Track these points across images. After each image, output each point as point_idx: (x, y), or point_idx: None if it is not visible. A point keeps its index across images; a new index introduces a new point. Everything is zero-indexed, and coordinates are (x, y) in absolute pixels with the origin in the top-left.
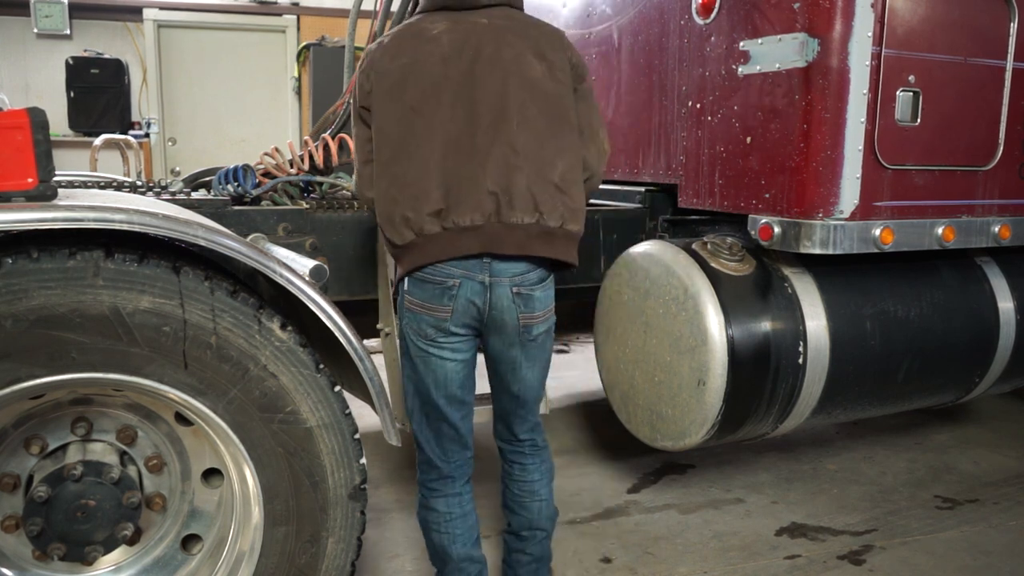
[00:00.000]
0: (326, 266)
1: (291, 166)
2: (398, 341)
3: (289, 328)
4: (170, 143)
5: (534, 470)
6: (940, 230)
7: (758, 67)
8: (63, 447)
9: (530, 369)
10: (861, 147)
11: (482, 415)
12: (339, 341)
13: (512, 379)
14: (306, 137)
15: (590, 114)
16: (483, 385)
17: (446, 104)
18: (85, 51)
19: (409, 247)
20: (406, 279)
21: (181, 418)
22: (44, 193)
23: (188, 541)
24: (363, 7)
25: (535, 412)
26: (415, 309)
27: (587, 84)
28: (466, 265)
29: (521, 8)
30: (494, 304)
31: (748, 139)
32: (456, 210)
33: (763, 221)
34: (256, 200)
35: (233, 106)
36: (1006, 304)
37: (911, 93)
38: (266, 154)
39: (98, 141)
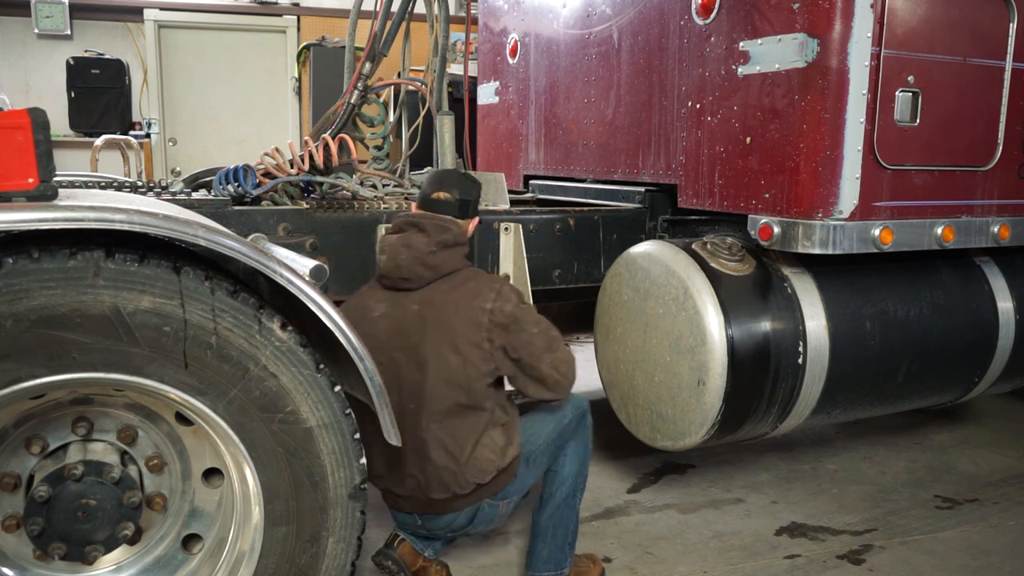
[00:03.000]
0: (326, 266)
1: (291, 166)
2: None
3: (289, 328)
4: (171, 143)
5: None
6: (939, 230)
7: (758, 67)
8: (64, 447)
9: None
10: (860, 147)
11: None
12: (339, 341)
13: None
14: (306, 137)
15: (527, 348)
16: None
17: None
18: (86, 51)
19: None
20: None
21: (181, 418)
22: (45, 193)
23: (188, 541)
24: (363, 7)
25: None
26: None
27: (519, 321)
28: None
29: (453, 241)
30: None
31: (748, 139)
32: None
33: (763, 221)
34: (256, 200)
35: (233, 106)
36: (1005, 304)
37: (910, 93)
38: (266, 154)
39: (99, 141)
